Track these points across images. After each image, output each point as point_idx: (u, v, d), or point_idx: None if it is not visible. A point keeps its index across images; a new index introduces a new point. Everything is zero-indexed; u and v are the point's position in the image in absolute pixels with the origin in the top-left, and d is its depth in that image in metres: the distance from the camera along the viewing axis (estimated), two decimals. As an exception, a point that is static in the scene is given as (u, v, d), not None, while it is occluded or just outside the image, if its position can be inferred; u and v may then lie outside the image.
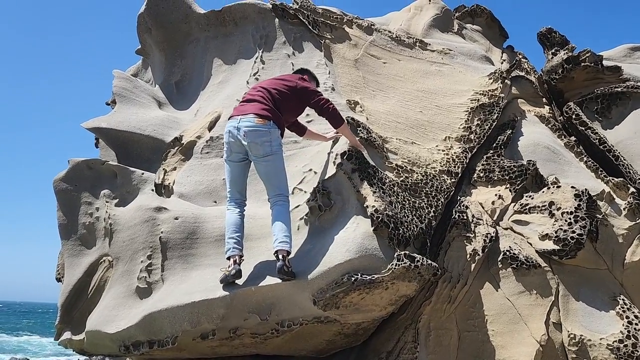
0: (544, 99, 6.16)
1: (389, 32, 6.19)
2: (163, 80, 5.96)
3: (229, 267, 3.45)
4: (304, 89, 3.80)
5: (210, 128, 4.95)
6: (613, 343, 3.51)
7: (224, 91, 5.42)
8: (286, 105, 3.73)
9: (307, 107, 3.94)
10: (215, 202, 4.47)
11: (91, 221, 4.36)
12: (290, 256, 3.51)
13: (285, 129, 3.86)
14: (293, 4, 5.76)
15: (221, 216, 4.09)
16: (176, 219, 4.02)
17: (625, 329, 3.57)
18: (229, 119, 3.68)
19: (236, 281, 3.46)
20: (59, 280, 5.57)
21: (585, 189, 4.05)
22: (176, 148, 4.88)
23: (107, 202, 4.36)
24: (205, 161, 4.73)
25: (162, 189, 4.47)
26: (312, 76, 4.25)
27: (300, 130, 4.24)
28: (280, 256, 3.33)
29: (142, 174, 4.49)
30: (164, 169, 4.74)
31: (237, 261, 3.45)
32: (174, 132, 5.05)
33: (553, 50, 6.83)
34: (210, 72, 5.70)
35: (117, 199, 4.37)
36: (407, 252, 3.39)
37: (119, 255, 4.08)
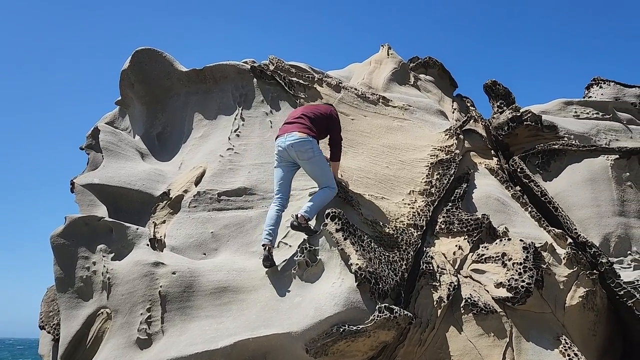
0: (492, 150, 6.91)
1: (355, 89, 6.78)
2: (144, 132, 6.31)
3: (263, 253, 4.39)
4: (333, 118, 4.93)
5: (196, 183, 5.34)
6: (557, 378, 4.14)
7: (206, 145, 5.83)
8: (318, 126, 4.73)
9: None
10: (205, 254, 4.86)
11: (88, 275, 4.64)
12: (282, 307, 4.02)
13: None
14: (269, 64, 6.26)
15: (214, 270, 4.51)
16: (174, 273, 4.38)
17: (567, 365, 4.22)
18: (276, 138, 4.70)
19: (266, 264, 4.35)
20: (42, 327, 5.75)
21: (532, 242, 4.71)
22: (164, 202, 5.24)
23: (103, 256, 4.66)
24: (193, 215, 5.11)
25: (155, 243, 4.81)
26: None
27: None
28: (295, 216, 4.36)
29: (137, 229, 4.82)
30: (153, 222, 5.09)
31: (268, 250, 4.34)
32: (161, 185, 5.41)
33: (498, 104, 7.67)
34: (191, 125, 6.11)
35: (113, 254, 4.68)
36: (386, 304, 3.91)
37: (118, 308, 4.38)
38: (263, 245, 4.39)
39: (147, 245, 4.71)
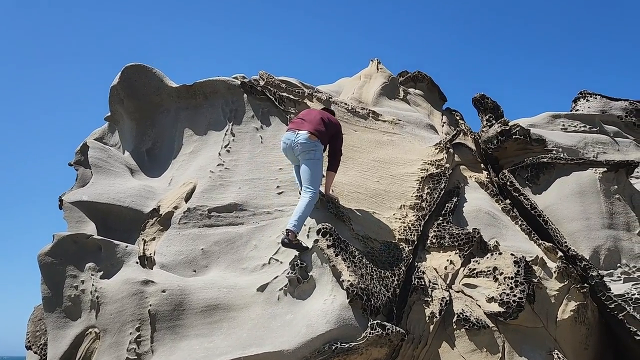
0: (481, 164, 6.95)
1: (345, 104, 6.80)
2: (134, 148, 6.26)
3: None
4: (340, 131, 5.03)
5: (186, 199, 5.30)
6: (550, 393, 4.14)
7: (196, 161, 5.80)
8: (327, 132, 4.83)
9: None
10: (195, 271, 4.81)
11: (76, 294, 4.57)
12: (274, 324, 3.97)
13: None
14: (259, 79, 6.27)
15: (205, 287, 4.46)
16: (163, 291, 4.33)
17: (560, 380, 4.22)
18: (287, 130, 4.82)
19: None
20: (29, 348, 5.65)
21: (523, 256, 4.72)
22: (154, 219, 5.19)
23: (92, 275, 4.60)
24: (183, 231, 5.06)
25: (145, 260, 4.76)
26: None
27: None
28: (286, 232, 4.30)
29: (126, 246, 4.77)
30: (143, 239, 5.04)
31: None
32: (151, 202, 5.36)
33: (487, 117, 7.72)
34: (181, 141, 6.08)
35: (102, 272, 4.62)
36: (378, 321, 3.89)
37: (107, 327, 4.32)
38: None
39: (137, 263, 4.66)
